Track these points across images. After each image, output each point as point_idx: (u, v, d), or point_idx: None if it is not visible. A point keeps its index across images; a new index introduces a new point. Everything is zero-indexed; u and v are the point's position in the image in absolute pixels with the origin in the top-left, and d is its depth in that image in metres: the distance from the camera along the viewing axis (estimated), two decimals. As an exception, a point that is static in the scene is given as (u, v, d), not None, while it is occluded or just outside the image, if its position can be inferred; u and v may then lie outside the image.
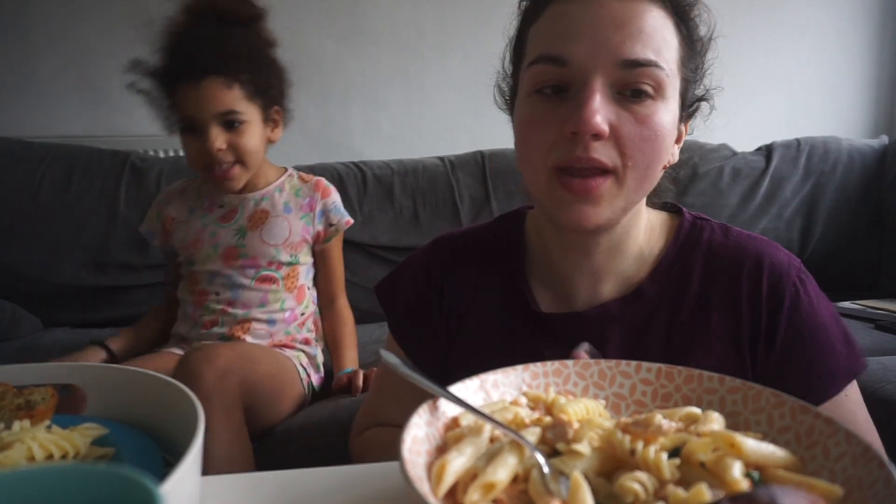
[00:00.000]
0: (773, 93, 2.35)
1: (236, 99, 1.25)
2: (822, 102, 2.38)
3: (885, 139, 2.12)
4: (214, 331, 1.34)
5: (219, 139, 1.23)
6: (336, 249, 1.46)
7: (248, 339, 1.34)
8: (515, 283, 0.72)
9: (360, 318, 1.89)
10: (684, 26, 0.62)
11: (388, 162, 1.99)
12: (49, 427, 0.48)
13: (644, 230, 0.69)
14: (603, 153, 0.57)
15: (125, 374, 0.56)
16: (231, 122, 1.25)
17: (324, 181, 1.45)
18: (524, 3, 0.67)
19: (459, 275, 0.75)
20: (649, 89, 0.58)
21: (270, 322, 1.36)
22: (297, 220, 1.38)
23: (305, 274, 1.42)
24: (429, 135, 2.24)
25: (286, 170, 1.44)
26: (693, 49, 0.63)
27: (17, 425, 0.48)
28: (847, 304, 1.76)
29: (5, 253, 1.78)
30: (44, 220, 1.80)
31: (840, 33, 2.35)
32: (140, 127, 2.05)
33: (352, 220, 1.44)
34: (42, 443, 0.45)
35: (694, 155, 1.98)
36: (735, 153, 2.05)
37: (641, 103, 0.58)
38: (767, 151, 2.05)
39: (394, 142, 2.22)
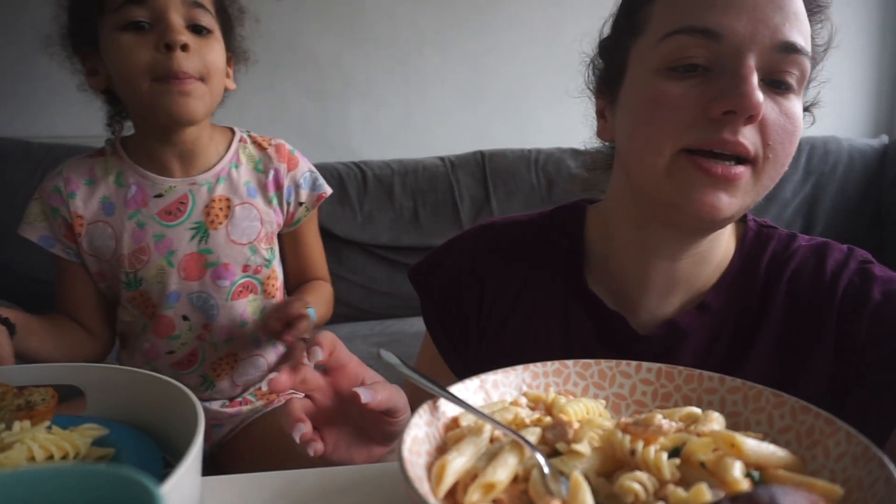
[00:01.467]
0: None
1: (205, 2, 0.93)
2: (822, 102, 2.38)
3: (885, 139, 2.12)
4: (196, 372, 1.05)
5: (183, 32, 0.89)
6: (311, 231, 1.14)
7: (236, 378, 1.08)
8: (574, 283, 0.67)
9: (360, 316, 1.89)
10: (812, 27, 0.57)
11: (388, 162, 2.00)
12: (49, 428, 0.48)
13: (726, 238, 0.64)
14: (749, 138, 0.52)
15: (125, 375, 0.56)
16: (198, 26, 0.91)
17: (286, 146, 1.08)
18: None
19: (506, 267, 0.70)
20: (793, 81, 0.54)
21: (255, 343, 1.08)
22: (265, 205, 1.04)
23: (279, 268, 1.12)
24: (429, 135, 2.24)
25: (232, 132, 1.07)
26: (815, 52, 0.59)
27: (17, 426, 0.48)
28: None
29: (5, 253, 1.78)
30: (44, 220, 1.79)
31: (840, 33, 2.35)
32: (140, 127, 2.05)
33: (328, 191, 1.11)
34: (42, 443, 0.45)
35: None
36: (735, 153, 2.05)
37: (784, 94, 0.54)
38: (767, 151, 2.05)
39: (394, 142, 2.22)
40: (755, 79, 0.51)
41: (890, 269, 0.63)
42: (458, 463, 0.39)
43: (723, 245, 0.64)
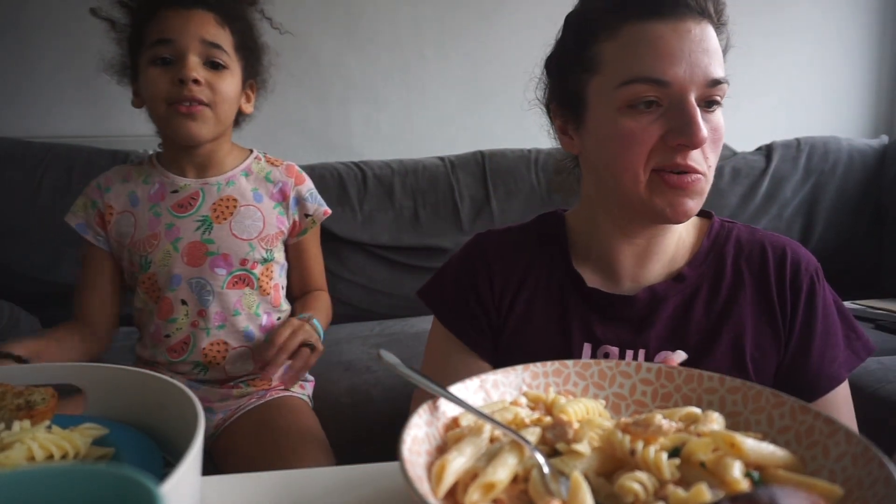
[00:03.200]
0: (773, 93, 2.34)
1: (224, 40, 1.09)
2: (822, 102, 2.38)
3: (885, 139, 2.11)
4: (188, 359, 1.14)
5: (198, 68, 1.06)
6: (313, 243, 1.27)
7: (228, 369, 1.15)
8: (565, 267, 0.80)
9: (359, 316, 1.89)
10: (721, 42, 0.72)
11: (388, 162, 1.99)
12: (49, 427, 0.48)
13: None
14: (694, 158, 0.68)
15: (125, 375, 0.56)
16: (213, 62, 1.08)
17: (296, 166, 1.25)
18: (590, 16, 0.73)
19: (506, 262, 0.81)
20: (719, 98, 0.69)
21: (248, 336, 1.16)
22: (269, 210, 1.18)
23: (279, 272, 1.23)
24: (429, 135, 2.24)
25: (251, 151, 1.24)
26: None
27: (17, 425, 0.48)
28: (847, 304, 1.76)
29: (5, 253, 1.78)
30: (44, 220, 1.79)
31: (840, 33, 2.35)
32: (140, 127, 2.04)
33: (330, 211, 1.25)
34: (42, 443, 0.45)
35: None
36: (735, 153, 2.05)
37: (714, 113, 0.69)
38: (767, 151, 2.05)
39: (394, 142, 2.22)
40: (699, 115, 0.66)
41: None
42: (458, 463, 0.39)
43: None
